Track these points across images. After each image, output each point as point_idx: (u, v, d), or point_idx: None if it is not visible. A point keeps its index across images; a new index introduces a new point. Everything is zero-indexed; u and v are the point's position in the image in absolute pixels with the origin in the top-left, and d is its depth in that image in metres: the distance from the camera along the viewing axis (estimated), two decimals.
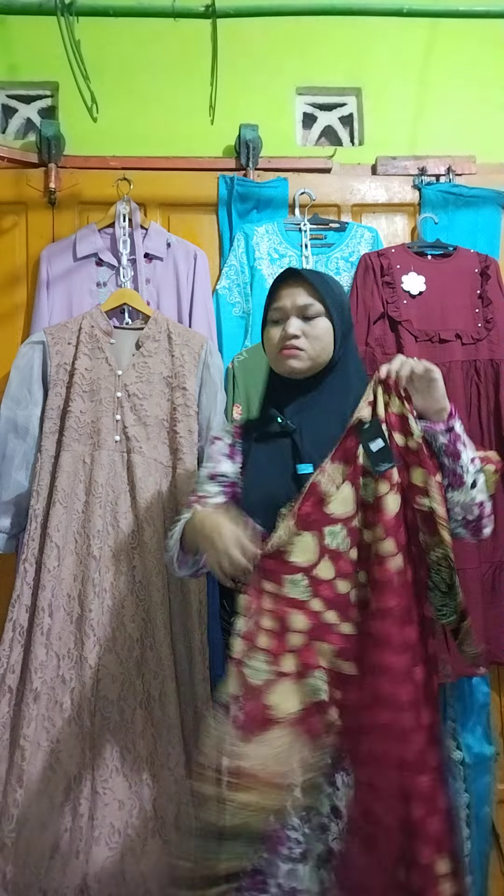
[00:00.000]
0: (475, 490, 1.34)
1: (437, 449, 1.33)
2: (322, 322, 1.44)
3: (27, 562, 1.83)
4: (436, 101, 2.40)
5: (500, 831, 2.09)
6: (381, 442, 1.28)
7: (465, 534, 1.40)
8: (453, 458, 1.32)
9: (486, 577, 2.05)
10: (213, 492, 1.48)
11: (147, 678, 1.77)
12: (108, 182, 2.19)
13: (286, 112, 2.40)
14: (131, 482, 1.87)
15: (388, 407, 1.32)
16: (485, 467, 1.37)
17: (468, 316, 2.15)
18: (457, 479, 1.33)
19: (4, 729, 1.73)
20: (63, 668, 1.75)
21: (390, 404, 1.32)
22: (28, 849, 1.64)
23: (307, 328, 1.43)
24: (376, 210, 2.35)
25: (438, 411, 1.33)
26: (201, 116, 2.00)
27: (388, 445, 1.28)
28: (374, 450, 1.28)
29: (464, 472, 1.33)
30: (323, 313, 1.44)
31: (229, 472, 1.50)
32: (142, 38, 2.29)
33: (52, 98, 2.38)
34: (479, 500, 1.35)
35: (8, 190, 2.21)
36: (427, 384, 1.32)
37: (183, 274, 2.15)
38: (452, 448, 1.32)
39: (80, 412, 1.90)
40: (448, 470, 1.33)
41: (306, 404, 1.45)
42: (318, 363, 1.44)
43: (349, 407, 1.39)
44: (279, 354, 1.45)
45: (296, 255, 2.21)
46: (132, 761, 1.72)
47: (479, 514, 1.36)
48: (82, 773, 1.70)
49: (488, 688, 2.13)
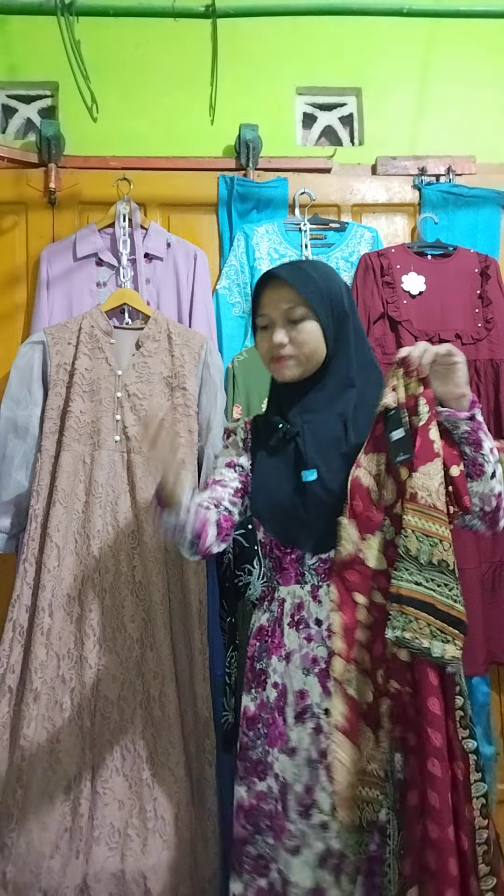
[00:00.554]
0: (494, 480, 1.29)
1: (459, 437, 1.29)
2: (308, 325, 1.40)
3: (27, 562, 1.83)
4: (436, 101, 2.40)
5: (500, 831, 2.09)
6: (401, 432, 1.26)
7: (481, 525, 1.35)
8: (475, 446, 1.28)
9: (486, 577, 2.05)
10: (230, 477, 1.50)
11: (147, 678, 1.77)
12: (108, 182, 2.19)
13: (286, 112, 2.40)
14: (131, 482, 1.87)
15: (408, 389, 1.28)
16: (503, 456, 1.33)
17: (468, 316, 2.15)
18: (477, 469, 1.29)
19: (4, 729, 1.73)
20: (63, 668, 1.75)
21: (409, 387, 1.28)
22: (28, 849, 1.64)
23: (294, 334, 1.40)
24: (376, 210, 2.35)
25: (459, 398, 1.28)
26: (201, 116, 2.00)
27: (407, 436, 1.26)
28: (393, 439, 1.27)
29: (485, 462, 1.29)
30: (308, 315, 1.40)
31: (245, 464, 1.53)
32: (142, 38, 2.29)
33: (52, 98, 2.38)
34: (499, 491, 1.30)
35: (8, 190, 2.21)
36: (448, 369, 1.27)
37: (183, 274, 2.16)
38: (475, 436, 1.28)
39: (80, 412, 1.90)
40: (469, 459, 1.29)
41: (307, 406, 1.45)
42: (312, 365, 1.43)
43: (352, 401, 1.39)
44: (271, 364, 1.45)
45: (296, 255, 2.21)
46: (132, 761, 1.72)
47: (496, 504, 1.31)
48: (82, 773, 1.70)
49: (488, 688, 2.13)
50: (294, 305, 1.40)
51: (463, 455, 1.30)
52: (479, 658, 1.98)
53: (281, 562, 1.45)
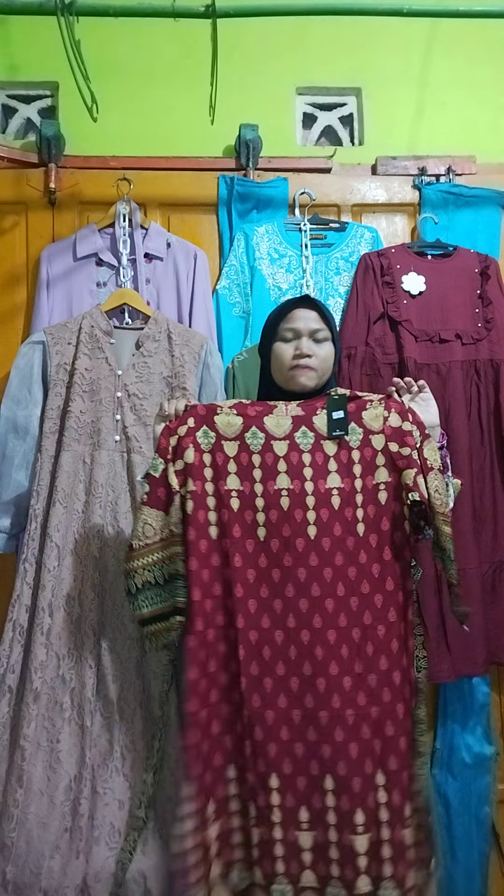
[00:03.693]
0: (450, 498, 1.55)
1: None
2: (328, 346, 1.61)
3: (27, 562, 1.83)
4: (436, 101, 2.40)
5: (500, 831, 2.09)
6: (342, 413, 1.53)
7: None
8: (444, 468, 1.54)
9: (487, 577, 2.05)
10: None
11: (147, 678, 1.77)
12: (108, 182, 2.19)
13: (286, 112, 2.40)
14: (131, 482, 1.87)
15: (387, 421, 1.53)
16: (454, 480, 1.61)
17: (468, 316, 2.15)
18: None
19: (4, 729, 1.73)
20: (63, 668, 1.75)
21: (389, 419, 1.53)
22: (28, 849, 1.64)
23: (317, 349, 1.59)
24: (376, 210, 2.35)
25: (433, 427, 1.55)
26: (201, 116, 2.00)
27: (345, 418, 1.52)
28: (334, 418, 1.53)
29: (448, 481, 1.56)
30: (330, 338, 1.62)
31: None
32: (142, 38, 2.29)
33: (52, 98, 2.38)
34: (451, 506, 1.54)
35: (8, 190, 2.21)
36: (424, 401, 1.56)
37: (183, 274, 2.16)
38: (443, 462, 1.54)
39: (80, 412, 1.90)
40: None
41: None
42: (321, 382, 1.61)
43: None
44: (292, 371, 1.59)
45: (296, 255, 2.21)
46: (132, 761, 1.72)
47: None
48: (82, 773, 1.69)
49: (488, 688, 2.13)
50: (321, 327, 1.61)
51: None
52: (479, 658, 1.98)
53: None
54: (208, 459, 1.53)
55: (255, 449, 1.52)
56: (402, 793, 1.44)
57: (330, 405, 1.54)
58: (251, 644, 1.47)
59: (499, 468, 2.09)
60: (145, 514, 1.52)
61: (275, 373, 1.63)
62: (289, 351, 1.60)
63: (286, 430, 1.53)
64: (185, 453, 1.52)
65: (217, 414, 1.55)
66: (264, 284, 2.17)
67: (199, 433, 1.54)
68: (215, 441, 1.53)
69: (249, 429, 1.53)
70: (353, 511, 1.50)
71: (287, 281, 2.20)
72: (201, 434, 1.54)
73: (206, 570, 1.49)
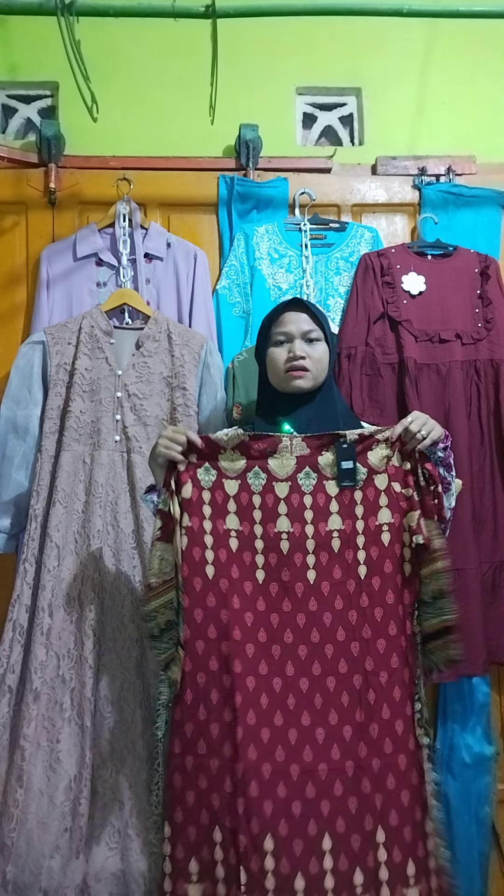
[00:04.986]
0: (452, 497, 1.60)
1: (436, 460, 1.55)
2: (322, 346, 1.63)
3: (27, 562, 1.83)
4: (436, 101, 2.40)
5: (500, 831, 2.09)
6: (351, 463, 1.49)
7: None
8: (447, 468, 1.58)
9: (487, 577, 2.05)
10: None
11: (147, 678, 1.77)
12: (108, 182, 2.19)
13: (286, 112, 2.40)
14: (131, 482, 1.87)
15: (390, 461, 1.51)
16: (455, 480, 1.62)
17: (468, 316, 2.15)
18: (446, 486, 1.57)
19: (4, 729, 1.73)
20: (63, 668, 1.75)
21: (393, 459, 1.51)
22: (28, 849, 1.64)
23: (310, 350, 1.61)
24: (376, 210, 2.35)
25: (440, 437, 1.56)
26: (201, 116, 2.00)
27: (355, 469, 1.49)
28: (343, 468, 1.49)
29: (451, 480, 1.59)
30: (322, 338, 1.63)
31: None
32: (142, 38, 2.29)
33: (52, 98, 2.38)
34: (453, 505, 1.60)
35: (8, 190, 2.21)
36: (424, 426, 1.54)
37: (183, 274, 2.16)
38: (447, 461, 1.58)
39: (80, 412, 1.90)
40: (442, 477, 1.54)
41: (304, 415, 1.60)
42: (318, 382, 1.63)
43: (338, 415, 1.61)
44: (286, 374, 1.60)
45: (296, 255, 2.21)
46: (132, 761, 1.72)
47: (449, 517, 1.59)
48: (82, 772, 1.70)
49: (488, 688, 2.13)
50: (313, 328, 1.63)
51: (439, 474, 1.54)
52: (479, 658, 1.97)
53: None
54: (207, 497, 1.50)
55: (255, 489, 1.50)
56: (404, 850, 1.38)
57: (339, 454, 1.49)
58: (248, 691, 1.41)
59: (499, 468, 2.09)
60: (160, 550, 1.47)
61: (271, 377, 1.65)
62: (282, 355, 1.62)
63: (289, 472, 1.50)
64: (184, 488, 1.49)
65: (221, 453, 1.51)
66: (264, 284, 2.17)
67: (201, 470, 1.51)
68: (216, 479, 1.51)
69: (252, 469, 1.50)
70: (354, 553, 1.47)
71: (287, 281, 2.20)
72: (202, 471, 1.51)
73: (199, 610, 1.46)
